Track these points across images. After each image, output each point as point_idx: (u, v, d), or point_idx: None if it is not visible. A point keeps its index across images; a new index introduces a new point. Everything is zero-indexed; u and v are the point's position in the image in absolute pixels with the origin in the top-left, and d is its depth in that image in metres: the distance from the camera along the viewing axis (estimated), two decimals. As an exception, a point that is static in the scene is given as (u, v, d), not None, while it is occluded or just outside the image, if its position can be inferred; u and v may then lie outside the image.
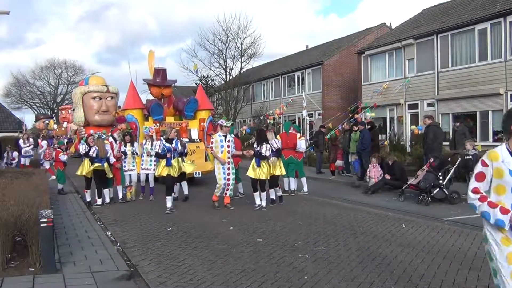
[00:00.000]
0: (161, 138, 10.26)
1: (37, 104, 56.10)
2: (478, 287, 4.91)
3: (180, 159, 10.40)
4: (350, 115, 17.16)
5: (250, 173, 9.76)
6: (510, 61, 17.28)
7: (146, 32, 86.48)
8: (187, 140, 13.03)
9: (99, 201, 10.74)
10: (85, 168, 10.71)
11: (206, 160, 14.20)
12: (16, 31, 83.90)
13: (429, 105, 20.91)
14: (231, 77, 36.37)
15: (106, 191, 10.88)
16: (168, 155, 9.83)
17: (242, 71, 36.78)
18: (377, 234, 7.32)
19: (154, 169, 11.02)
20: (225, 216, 9.04)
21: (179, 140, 10.28)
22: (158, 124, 14.15)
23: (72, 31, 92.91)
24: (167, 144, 9.87)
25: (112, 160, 10.82)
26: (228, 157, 9.89)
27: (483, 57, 18.40)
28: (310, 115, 28.46)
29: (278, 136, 10.48)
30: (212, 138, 10.01)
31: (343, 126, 17.31)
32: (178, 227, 8.12)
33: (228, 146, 9.85)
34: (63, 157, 12.60)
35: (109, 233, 7.80)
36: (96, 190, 10.85)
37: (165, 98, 15.52)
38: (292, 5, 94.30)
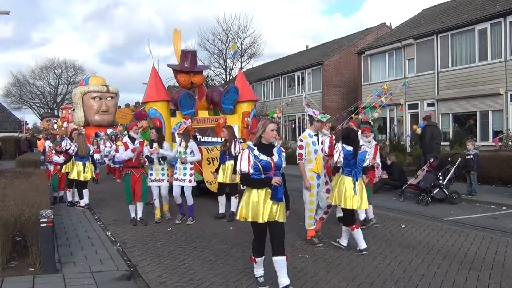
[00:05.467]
0: (249, 144, 4.91)
1: (37, 104, 56.09)
2: (478, 287, 4.91)
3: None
4: (352, 116, 17.21)
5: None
6: (510, 61, 17.29)
7: (151, 31, 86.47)
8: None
9: (82, 202, 10.36)
10: (69, 168, 10.42)
11: None
12: (21, 31, 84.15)
13: (429, 105, 20.92)
14: (231, 77, 36.35)
15: (85, 191, 10.31)
16: (275, 179, 4.63)
17: (242, 71, 36.77)
18: (377, 234, 7.31)
19: (190, 180, 8.36)
20: (225, 216, 9.02)
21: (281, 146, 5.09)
22: (189, 121, 10.70)
23: (77, 31, 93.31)
24: (264, 157, 4.71)
25: (98, 157, 10.07)
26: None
27: (483, 57, 18.41)
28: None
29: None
30: (301, 141, 6.67)
31: (343, 126, 17.35)
32: (178, 227, 8.11)
33: (323, 151, 6.79)
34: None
35: (109, 233, 7.80)
36: (76, 190, 10.60)
37: (195, 88, 12.45)
38: (297, 4, 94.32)
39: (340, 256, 6.11)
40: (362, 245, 6.13)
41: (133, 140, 8.46)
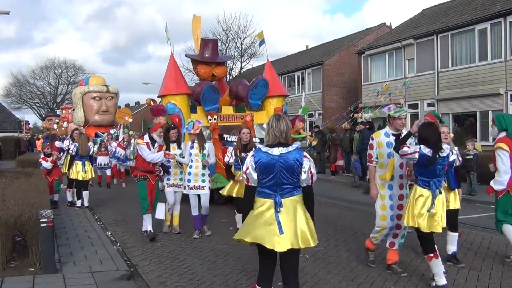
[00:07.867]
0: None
1: (37, 104, 56.09)
2: (478, 287, 4.91)
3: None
4: (351, 116, 17.22)
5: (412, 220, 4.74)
6: (510, 61, 17.30)
7: (153, 31, 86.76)
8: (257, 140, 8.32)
9: (78, 203, 10.41)
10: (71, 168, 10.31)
11: None
12: (23, 31, 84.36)
13: (429, 105, 20.93)
14: (231, 77, 36.35)
15: (85, 193, 10.29)
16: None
17: (242, 71, 36.75)
18: (377, 234, 7.30)
19: (209, 187, 7.42)
20: (225, 216, 9.02)
21: None
22: (215, 117, 10.00)
23: (79, 30, 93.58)
24: None
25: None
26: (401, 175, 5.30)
27: (483, 57, 18.43)
28: (310, 115, 28.48)
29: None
30: (372, 139, 5.39)
31: (343, 125, 17.36)
32: (178, 227, 8.09)
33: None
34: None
35: (109, 233, 7.80)
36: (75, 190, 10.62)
37: (217, 81, 11.02)
38: (298, 4, 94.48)
39: (340, 256, 6.11)
40: (442, 280, 4.73)
41: (153, 142, 7.33)
